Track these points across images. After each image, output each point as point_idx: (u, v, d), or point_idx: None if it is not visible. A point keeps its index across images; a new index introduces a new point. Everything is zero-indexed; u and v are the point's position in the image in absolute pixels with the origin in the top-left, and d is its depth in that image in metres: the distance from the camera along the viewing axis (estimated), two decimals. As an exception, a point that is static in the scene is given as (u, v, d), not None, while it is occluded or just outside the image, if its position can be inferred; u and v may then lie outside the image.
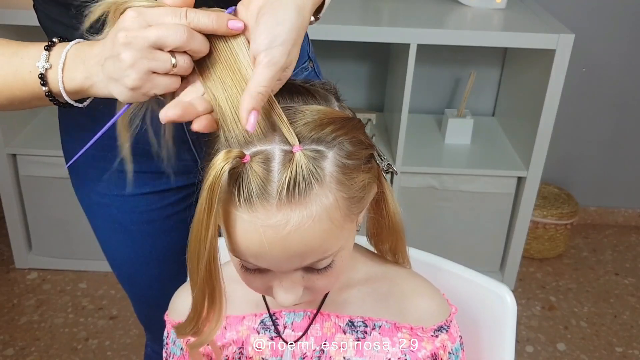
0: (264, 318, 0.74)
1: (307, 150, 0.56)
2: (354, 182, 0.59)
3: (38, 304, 1.96)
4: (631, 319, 2.02)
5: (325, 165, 0.57)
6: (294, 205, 0.55)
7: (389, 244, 0.75)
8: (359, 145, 0.60)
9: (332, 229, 0.57)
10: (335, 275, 0.63)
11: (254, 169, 0.55)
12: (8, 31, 1.84)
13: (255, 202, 0.55)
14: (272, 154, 0.56)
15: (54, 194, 1.97)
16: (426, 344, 0.72)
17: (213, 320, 0.61)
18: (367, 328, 0.72)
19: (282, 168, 0.55)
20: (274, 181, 0.54)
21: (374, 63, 2.22)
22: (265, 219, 0.55)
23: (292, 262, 0.58)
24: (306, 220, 0.55)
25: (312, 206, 0.55)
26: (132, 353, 1.80)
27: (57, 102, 0.67)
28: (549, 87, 1.76)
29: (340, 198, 0.57)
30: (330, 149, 0.57)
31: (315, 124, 0.58)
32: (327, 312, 0.73)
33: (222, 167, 0.53)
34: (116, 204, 0.94)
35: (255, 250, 0.57)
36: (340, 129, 0.58)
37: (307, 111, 0.59)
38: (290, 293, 0.62)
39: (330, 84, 0.66)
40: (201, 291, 0.59)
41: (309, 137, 0.57)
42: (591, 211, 2.49)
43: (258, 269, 0.61)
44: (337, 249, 0.60)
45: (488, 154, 2.02)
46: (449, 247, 2.02)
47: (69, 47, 0.65)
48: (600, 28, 2.16)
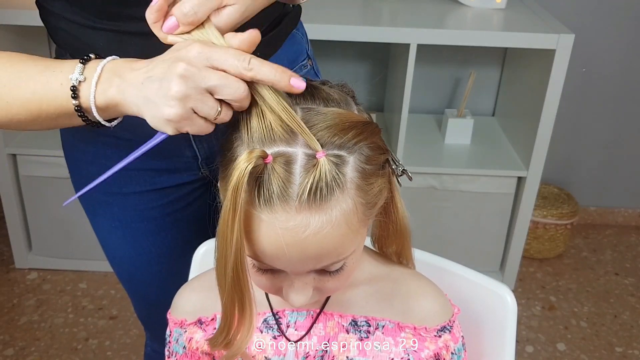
0: (267, 317, 0.74)
1: (330, 156, 0.56)
2: (371, 188, 0.59)
3: (38, 304, 1.96)
4: (631, 319, 2.02)
5: (346, 170, 0.57)
6: (314, 209, 0.55)
7: (394, 247, 0.75)
8: (377, 150, 0.61)
9: (348, 234, 0.58)
10: (345, 277, 0.64)
11: (276, 170, 0.55)
12: (8, 31, 1.84)
13: (275, 204, 0.55)
14: (294, 157, 0.56)
15: (54, 194, 1.97)
16: (429, 344, 0.72)
17: (244, 329, 0.60)
18: (371, 328, 0.72)
19: (304, 172, 0.55)
20: (295, 184, 0.55)
21: (374, 63, 2.22)
22: (285, 221, 0.55)
23: (307, 264, 0.59)
24: (325, 225, 0.56)
25: (332, 212, 0.56)
26: (132, 353, 1.80)
27: (85, 118, 0.65)
28: (549, 87, 1.76)
29: (358, 203, 0.58)
30: (351, 154, 0.58)
31: (337, 129, 0.57)
32: (330, 312, 0.73)
33: (245, 167, 0.53)
34: (117, 202, 0.94)
35: (271, 252, 0.57)
36: (360, 134, 0.59)
37: (328, 114, 0.59)
38: (301, 294, 0.62)
39: (348, 86, 0.66)
40: (230, 298, 0.58)
41: (332, 143, 0.57)
42: (591, 211, 2.49)
43: (271, 269, 0.61)
44: (351, 252, 0.61)
45: (488, 154, 2.02)
46: (449, 247, 2.02)
47: (105, 62, 0.63)
48: (600, 28, 2.16)
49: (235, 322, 0.60)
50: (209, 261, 0.88)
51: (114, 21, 0.76)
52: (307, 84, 0.60)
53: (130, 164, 0.65)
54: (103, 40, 0.78)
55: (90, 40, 0.79)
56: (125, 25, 0.77)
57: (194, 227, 1.00)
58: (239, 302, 0.59)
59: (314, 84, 0.63)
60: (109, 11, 0.76)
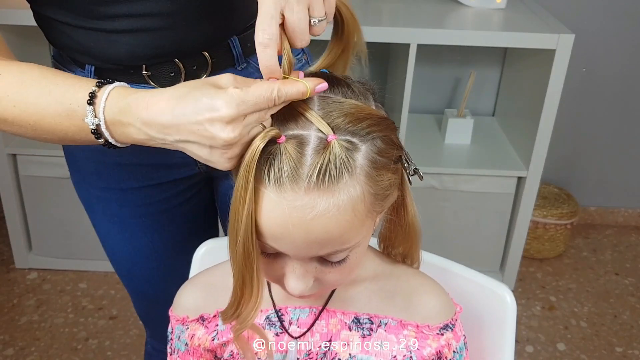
0: (270, 314, 0.74)
1: (342, 141, 0.57)
2: (381, 179, 0.60)
3: (38, 304, 1.96)
4: (631, 319, 2.02)
5: (357, 157, 0.58)
6: (322, 191, 0.56)
7: (401, 248, 0.75)
8: (390, 144, 0.61)
9: (354, 221, 0.58)
10: (347, 271, 0.64)
11: (288, 150, 0.56)
12: (8, 31, 1.84)
13: (284, 183, 0.56)
14: (307, 139, 0.57)
15: (54, 194, 1.97)
16: (431, 342, 0.72)
17: (251, 300, 0.61)
18: (373, 325, 0.73)
19: (315, 154, 0.56)
20: (306, 165, 0.56)
21: (374, 63, 2.22)
22: (293, 200, 0.56)
23: (311, 248, 0.59)
24: (332, 208, 0.56)
25: (339, 195, 0.56)
26: (132, 353, 1.80)
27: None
28: (549, 87, 1.76)
29: (367, 192, 0.58)
30: (364, 143, 0.59)
31: (352, 117, 0.59)
32: (333, 309, 0.73)
33: (258, 144, 0.55)
34: (115, 198, 0.94)
35: (276, 231, 0.58)
36: (375, 125, 0.60)
37: (345, 103, 0.60)
38: (301, 281, 0.62)
39: (369, 83, 0.68)
40: (239, 271, 0.59)
41: (345, 129, 0.58)
42: (591, 211, 2.49)
43: (274, 254, 0.61)
44: (355, 243, 0.61)
45: (488, 154, 2.02)
46: (449, 247, 2.02)
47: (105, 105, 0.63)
48: (600, 28, 2.16)
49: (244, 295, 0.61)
50: (209, 261, 0.88)
51: (102, 20, 0.77)
52: (329, 76, 0.62)
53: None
54: (94, 40, 0.79)
55: (83, 40, 0.80)
56: (113, 23, 0.77)
57: (192, 224, 1.01)
58: (248, 276, 0.59)
59: (334, 76, 0.64)
60: (96, 11, 0.76)
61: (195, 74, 0.83)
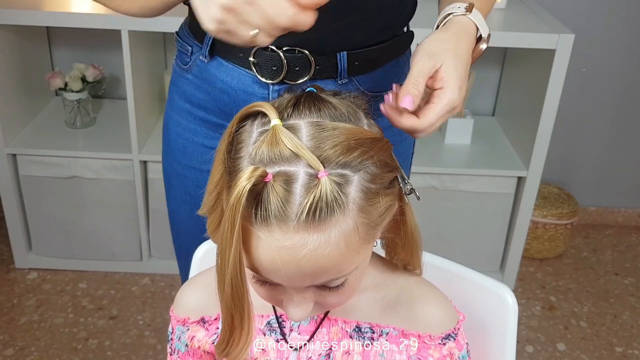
0: (271, 320, 0.74)
1: (333, 175, 0.55)
2: (375, 208, 0.58)
3: (38, 304, 1.96)
4: (631, 319, 2.02)
5: (349, 191, 0.55)
6: (312, 229, 0.54)
7: (403, 254, 0.74)
8: (384, 167, 0.59)
9: (347, 254, 0.57)
10: (348, 292, 0.62)
11: (275, 189, 0.54)
12: (8, 31, 1.84)
13: (272, 223, 0.54)
14: (295, 176, 0.54)
15: (54, 194, 1.97)
16: (433, 351, 0.72)
17: (241, 342, 0.60)
18: (375, 334, 0.72)
19: (304, 191, 0.54)
20: (294, 203, 0.53)
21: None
22: (282, 240, 0.54)
23: (305, 280, 0.58)
24: (323, 244, 0.54)
25: (330, 232, 0.54)
26: (132, 353, 1.80)
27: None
28: (549, 87, 1.76)
29: (360, 224, 0.56)
30: (356, 173, 0.56)
31: (343, 147, 0.56)
32: (334, 317, 0.73)
33: (244, 186, 0.52)
34: (193, 177, 0.95)
35: (268, 267, 0.56)
36: (367, 152, 0.57)
37: (336, 130, 0.57)
38: (299, 308, 0.61)
39: (362, 98, 0.65)
40: (228, 311, 0.58)
41: (336, 162, 0.55)
42: (591, 211, 2.49)
43: (270, 282, 0.60)
44: (352, 270, 0.59)
45: (488, 154, 2.02)
46: (448, 247, 2.02)
47: None
48: (600, 28, 2.16)
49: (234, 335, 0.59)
50: (209, 262, 0.88)
51: None
52: (315, 96, 0.60)
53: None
54: None
55: None
56: None
57: None
58: (237, 316, 0.58)
59: (322, 96, 0.62)
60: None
61: (297, 73, 0.83)
